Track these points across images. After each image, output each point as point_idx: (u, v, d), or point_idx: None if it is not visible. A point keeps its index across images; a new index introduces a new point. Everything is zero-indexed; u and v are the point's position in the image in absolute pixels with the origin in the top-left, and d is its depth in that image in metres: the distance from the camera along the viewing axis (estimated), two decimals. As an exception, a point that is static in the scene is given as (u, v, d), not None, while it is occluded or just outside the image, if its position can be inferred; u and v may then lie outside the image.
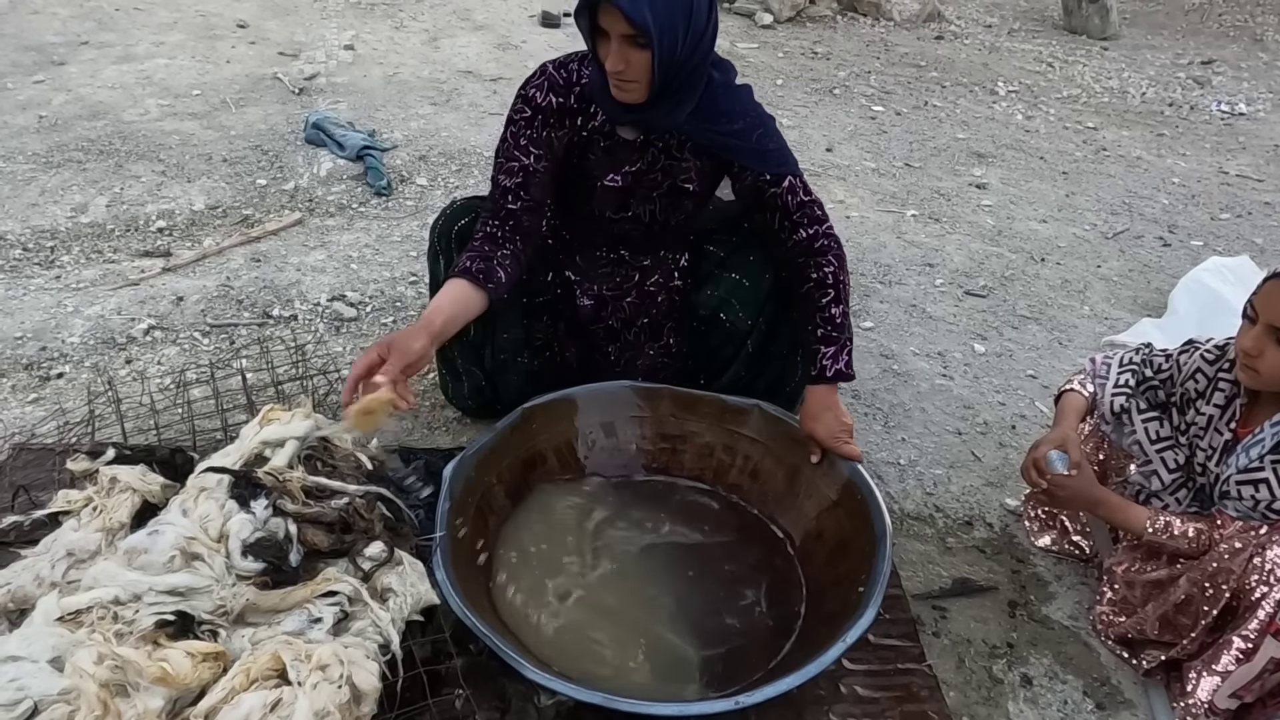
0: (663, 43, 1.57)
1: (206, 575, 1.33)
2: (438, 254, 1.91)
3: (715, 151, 1.79)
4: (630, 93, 1.66)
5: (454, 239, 1.87)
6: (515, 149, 1.76)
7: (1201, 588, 1.52)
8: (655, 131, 1.77)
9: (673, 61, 1.61)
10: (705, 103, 1.73)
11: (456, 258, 1.76)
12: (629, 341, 2.00)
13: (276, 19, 4.63)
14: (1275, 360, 1.44)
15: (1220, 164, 4.72)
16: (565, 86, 1.76)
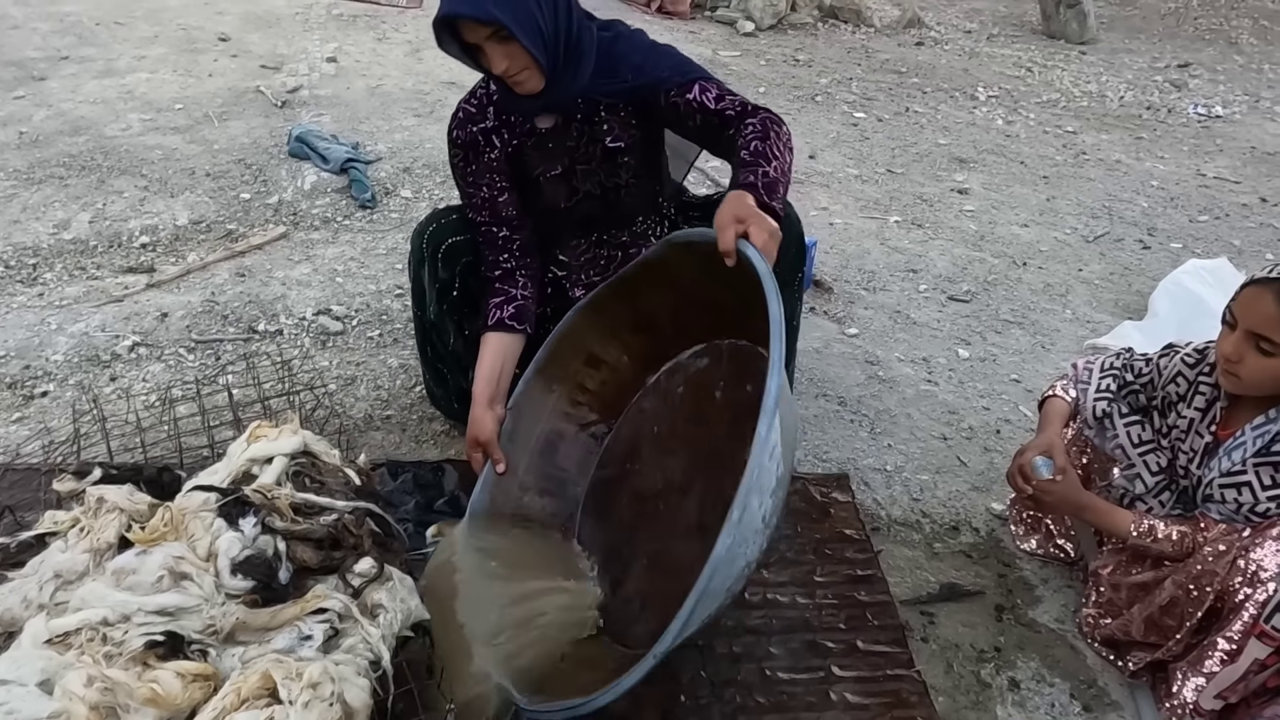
0: (523, 26, 1.59)
1: (195, 594, 1.32)
2: (423, 260, 1.92)
3: (627, 99, 1.78)
4: (528, 82, 1.69)
5: (442, 255, 1.88)
6: (469, 188, 1.86)
7: (1186, 590, 1.54)
8: (568, 109, 1.79)
9: (543, 38, 1.63)
10: (603, 61, 1.75)
11: (444, 269, 1.86)
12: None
13: (258, 31, 4.62)
14: (1255, 365, 1.46)
15: (1198, 166, 4.78)
16: (479, 112, 1.83)
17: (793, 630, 1.72)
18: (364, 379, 2.29)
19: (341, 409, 2.17)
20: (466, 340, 1.93)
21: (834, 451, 2.21)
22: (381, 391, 2.25)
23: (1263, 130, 5.51)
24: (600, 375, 1.87)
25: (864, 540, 1.94)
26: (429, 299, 1.94)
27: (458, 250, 1.87)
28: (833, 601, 1.78)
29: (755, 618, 1.74)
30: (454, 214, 1.93)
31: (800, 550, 1.90)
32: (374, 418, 2.16)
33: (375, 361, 2.37)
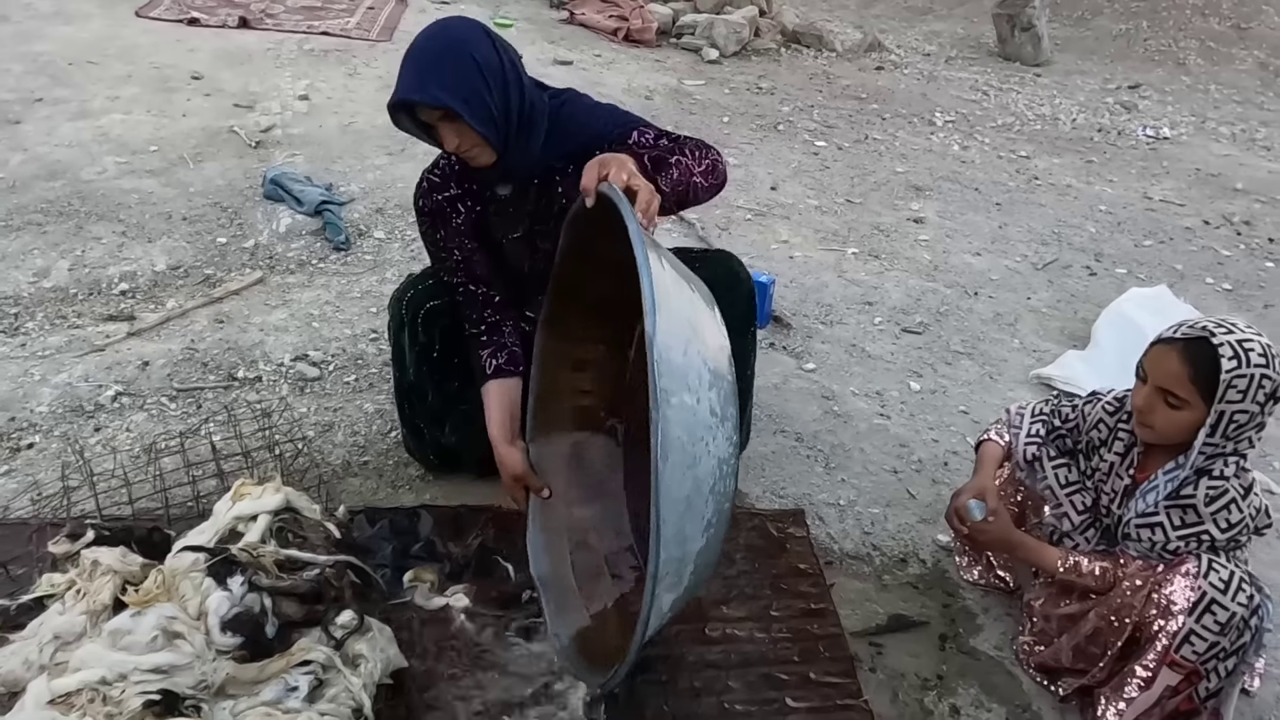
0: (471, 107, 1.71)
1: (188, 652, 1.42)
2: (403, 325, 2.03)
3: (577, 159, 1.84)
4: (480, 157, 1.81)
5: (422, 320, 2.00)
6: (441, 253, 1.98)
7: (1108, 621, 1.68)
8: (524, 176, 1.91)
9: (492, 116, 1.74)
10: (553, 127, 1.86)
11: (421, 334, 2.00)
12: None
13: (230, 69, 4.69)
14: (1165, 417, 1.60)
15: (1145, 189, 4.97)
16: (443, 181, 1.95)
17: (750, 664, 1.83)
18: (341, 425, 2.39)
19: (320, 455, 2.26)
20: (444, 398, 2.04)
21: (790, 487, 2.34)
22: (358, 437, 2.35)
23: (1207, 151, 5.73)
24: (590, 374, 1.98)
25: (817, 574, 2.06)
26: (409, 361, 2.04)
27: (437, 314, 1.99)
28: (787, 635, 1.90)
29: (715, 652, 1.85)
30: (429, 279, 2.04)
31: (758, 586, 2.01)
32: (352, 464, 2.25)
33: (352, 407, 2.46)
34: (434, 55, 1.71)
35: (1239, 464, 1.61)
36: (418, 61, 1.72)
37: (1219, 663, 1.54)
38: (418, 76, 1.70)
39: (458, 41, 1.74)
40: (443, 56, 1.71)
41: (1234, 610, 1.51)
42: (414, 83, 1.70)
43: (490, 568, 1.96)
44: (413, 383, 2.07)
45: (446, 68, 1.70)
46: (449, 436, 2.11)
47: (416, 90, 1.69)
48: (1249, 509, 1.60)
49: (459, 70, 1.70)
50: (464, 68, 1.71)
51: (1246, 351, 1.52)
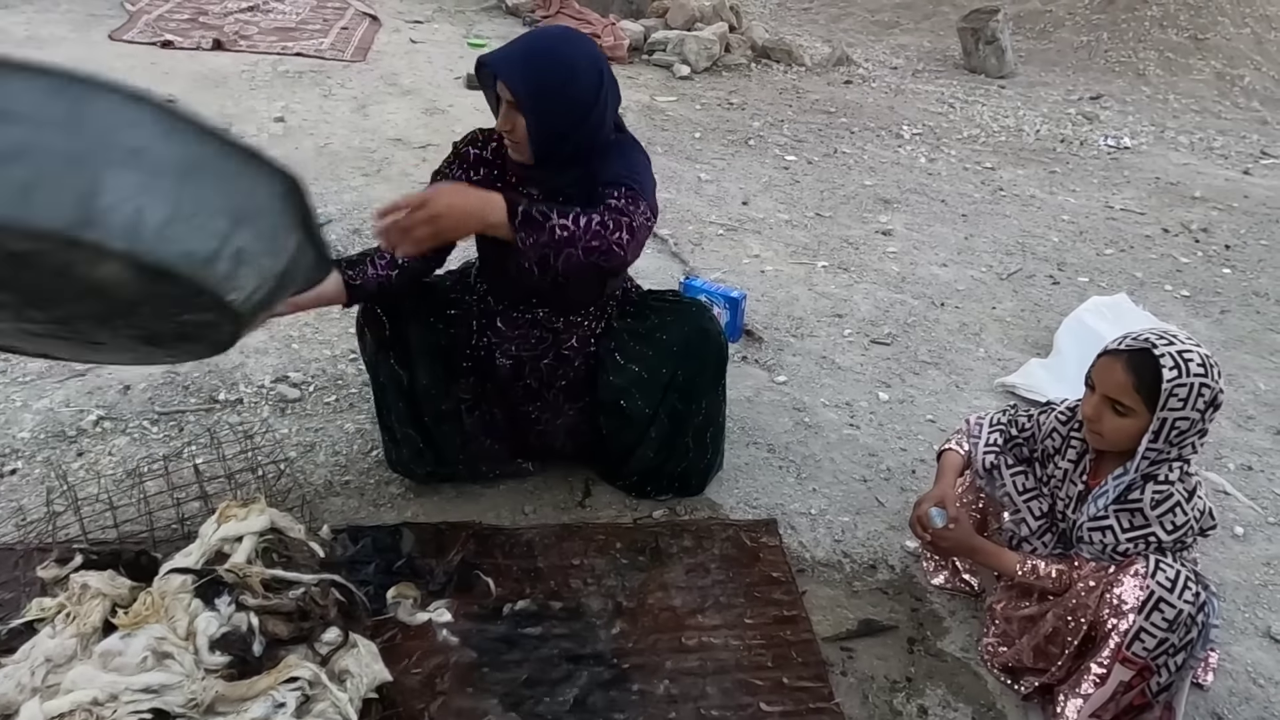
0: (536, 111, 1.77)
1: (178, 672, 1.46)
2: (362, 327, 2.12)
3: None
4: (518, 153, 1.88)
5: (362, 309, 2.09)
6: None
7: (1065, 621, 1.75)
8: (548, 192, 1.93)
9: (548, 131, 1.80)
10: (597, 166, 1.88)
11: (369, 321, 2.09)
12: (549, 402, 2.18)
13: (206, 91, 4.73)
14: (1113, 425, 1.68)
15: (1106, 199, 5.10)
16: (476, 162, 2.00)
17: (725, 670, 1.89)
18: (323, 445, 2.43)
19: (302, 476, 2.30)
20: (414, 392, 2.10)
21: (763, 497, 2.40)
22: (340, 457, 2.39)
23: (1167, 160, 5.88)
24: None
25: (790, 582, 2.12)
26: (372, 356, 2.12)
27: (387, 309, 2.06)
28: (761, 642, 1.96)
29: (691, 660, 1.91)
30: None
31: (732, 595, 2.08)
32: (334, 483, 2.30)
33: (333, 427, 2.50)
34: (543, 53, 1.78)
35: (1183, 469, 1.69)
36: (529, 47, 1.79)
37: (1169, 658, 1.62)
38: (519, 59, 1.77)
39: (571, 57, 1.80)
40: (549, 59, 1.78)
41: (1181, 608, 1.59)
42: (512, 60, 1.77)
43: (471, 583, 2.01)
44: (382, 382, 2.13)
45: (546, 70, 1.77)
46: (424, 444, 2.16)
47: (507, 66, 1.76)
48: (1193, 511, 1.68)
49: (553, 80, 1.77)
50: (559, 81, 1.78)
51: (1186, 362, 1.60)
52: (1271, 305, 4.01)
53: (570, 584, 2.06)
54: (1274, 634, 2.15)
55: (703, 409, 2.19)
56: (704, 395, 2.18)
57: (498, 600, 1.98)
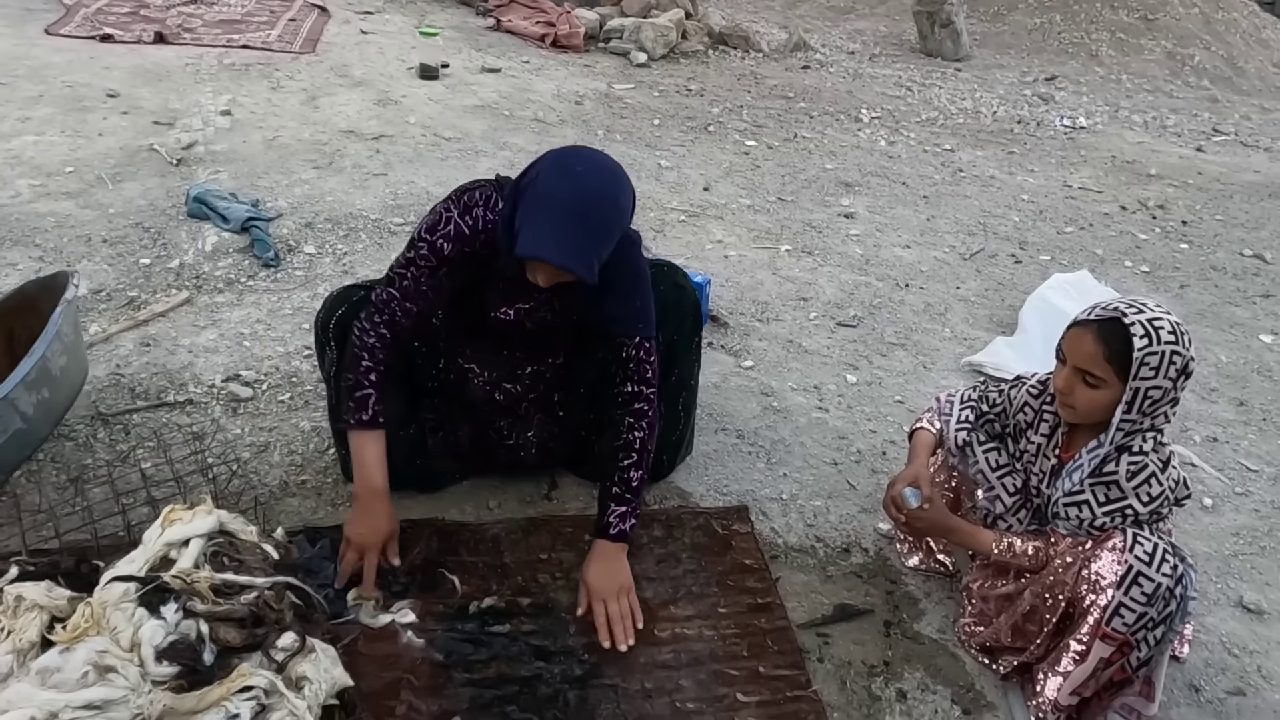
0: (591, 273, 1.67)
1: (122, 686, 1.38)
2: (324, 347, 2.00)
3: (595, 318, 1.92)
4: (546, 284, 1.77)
5: (333, 331, 1.97)
6: (415, 291, 1.84)
7: (1043, 599, 1.72)
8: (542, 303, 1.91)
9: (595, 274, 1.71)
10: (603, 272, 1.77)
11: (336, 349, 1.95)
12: (520, 416, 2.11)
13: (148, 86, 4.58)
14: (1085, 397, 1.66)
15: (1064, 178, 5.13)
16: (471, 235, 1.81)
17: (699, 662, 1.84)
18: (277, 445, 2.34)
19: (256, 477, 2.21)
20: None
21: (734, 484, 2.36)
22: (295, 456, 2.31)
23: (1122, 139, 5.93)
24: None
25: (763, 569, 2.08)
26: (333, 383, 2.01)
27: (344, 323, 1.94)
28: (735, 631, 1.92)
29: (665, 653, 1.86)
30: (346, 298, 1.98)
31: (705, 584, 2.03)
32: (289, 484, 2.21)
33: (287, 426, 2.41)
34: (579, 218, 1.65)
35: (1156, 439, 1.67)
36: (562, 223, 1.64)
37: (1148, 632, 1.60)
38: (560, 241, 1.63)
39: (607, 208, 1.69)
40: (588, 221, 1.66)
41: (1159, 581, 1.57)
42: (555, 246, 1.63)
43: (435, 581, 1.95)
44: (338, 403, 2.04)
45: (587, 235, 1.66)
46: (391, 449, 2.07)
47: (559, 255, 1.63)
48: (1168, 481, 1.66)
49: (595, 238, 1.67)
50: (601, 234, 1.69)
51: (1157, 330, 1.58)
52: (1229, 279, 4.05)
53: (538, 579, 1.99)
54: (1246, 604, 2.14)
55: (679, 371, 2.15)
56: (681, 356, 2.14)
57: (463, 598, 1.91)
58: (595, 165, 1.72)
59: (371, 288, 1.99)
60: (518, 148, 4.43)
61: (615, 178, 1.73)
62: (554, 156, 1.74)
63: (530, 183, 1.71)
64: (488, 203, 1.82)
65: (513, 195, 1.75)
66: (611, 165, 1.75)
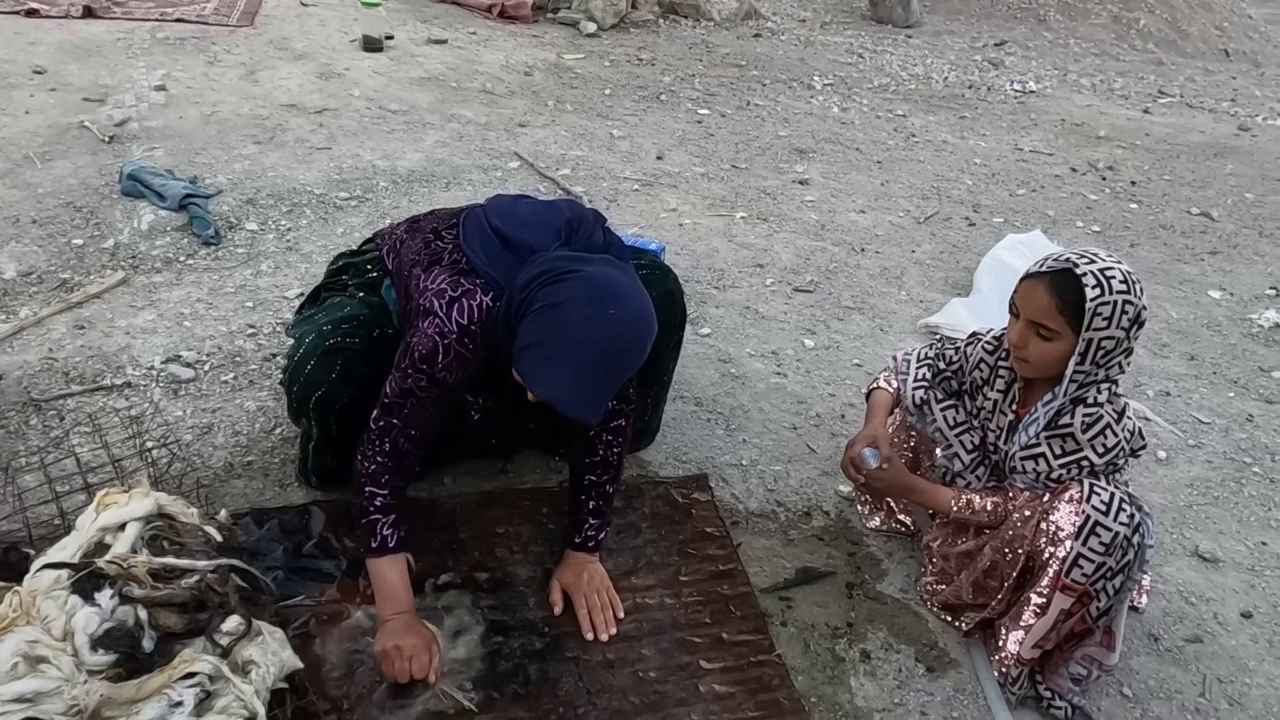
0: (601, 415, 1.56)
1: (54, 677, 1.31)
2: (299, 418, 1.92)
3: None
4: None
5: (314, 409, 1.85)
6: (416, 419, 1.71)
7: (1002, 554, 1.72)
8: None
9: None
10: None
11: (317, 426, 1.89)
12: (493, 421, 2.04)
13: (77, 62, 4.39)
14: (1039, 350, 1.64)
15: (1016, 141, 5.15)
16: (471, 355, 1.66)
17: (662, 631, 1.82)
18: (221, 426, 2.26)
19: (199, 460, 2.14)
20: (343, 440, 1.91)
21: (693, 452, 2.33)
22: (241, 437, 2.23)
23: (1071, 103, 5.98)
24: None
25: (724, 536, 2.06)
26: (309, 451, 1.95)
27: (328, 401, 1.84)
28: (698, 598, 1.90)
29: (627, 623, 1.83)
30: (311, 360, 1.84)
31: (665, 553, 2.00)
32: (235, 466, 2.14)
33: (232, 406, 2.33)
34: (607, 374, 1.53)
35: (1111, 390, 1.66)
36: (588, 375, 1.50)
37: (1107, 582, 1.60)
38: (583, 395, 1.51)
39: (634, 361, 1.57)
40: (614, 376, 1.55)
41: (1116, 530, 1.57)
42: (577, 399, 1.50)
43: (389, 559, 1.89)
44: (312, 468, 1.99)
45: (611, 388, 1.55)
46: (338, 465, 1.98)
47: (578, 409, 1.51)
48: (1123, 432, 1.65)
49: (616, 387, 1.56)
50: (622, 381, 1.59)
51: (1109, 279, 1.56)
52: (1178, 237, 4.10)
53: (495, 553, 1.95)
54: (1202, 553, 2.17)
55: (655, 367, 2.11)
56: (662, 354, 2.10)
57: (419, 575, 1.86)
58: (633, 311, 1.54)
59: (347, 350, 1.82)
60: (466, 119, 4.34)
61: (648, 324, 1.57)
62: (586, 286, 1.53)
63: (554, 308, 1.52)
64: (480, 314, 1.64)
65: (522, 301, 1.56)
66: (646, 308, 1.58)
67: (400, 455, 1.73)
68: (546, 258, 1.61)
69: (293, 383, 1.86)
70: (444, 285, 1.65)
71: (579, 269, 1.56)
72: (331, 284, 2.07)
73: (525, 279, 1.58)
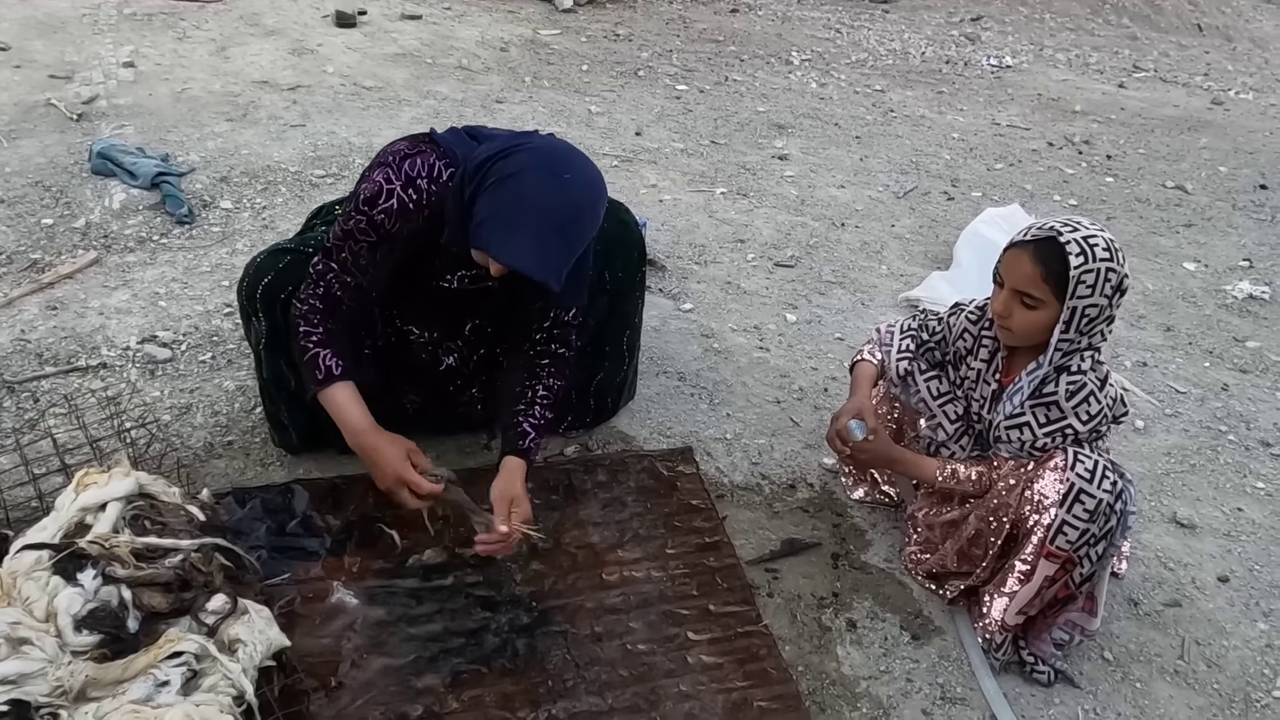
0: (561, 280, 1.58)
1: (38, 658, 1.29)
2: (249, 316, 1.88)
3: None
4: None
5: (260, 301, 1.83)
6: (353, 265, 1.73)
7: (987, 522, 1.73)
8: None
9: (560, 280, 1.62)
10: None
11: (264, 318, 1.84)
12: (466, 375, 2.02)
13: (42, 38, 4.30)
14: (1023, 319, 1.65)
15: (993, 116, 5.16)
16: (415, 210, 1.68)
17: (649, 604, 1.82)
18: (200, 406, 2.23)
19: (179, 440, 2.11)
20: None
21: (677, 426, 2.33)
22: (220, 417, 2.20)
23: (1047, 77, 5.99)
24: None
25: (710, 509, 2.06)
26: (261, 350, 1.90)
27: (273, 292, 1.82)
28: (684, 571, 1.90)
29: (614, 596, 1.83)
30: (265, 257, 1.85)
31: (651, 526, 2.00)
32: (215, 445, 2.12)
33: (210, 386, 2.31)
34: (562, 233, 1.56)
35: (1094, 358, 1.67)
36: (546, 235, 1.54)
37: (1090, 548, 1.61)
38: (541, 255, 1.54)
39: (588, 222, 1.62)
40: (570, 236, 1.58)
41: (1100, 497, 1.58)
42: (537, 260, 1.54)
43: (374, 537, 1.88)
44: (267, 377, 1.94)
45: (568, 250, 1.58)
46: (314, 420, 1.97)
47: (540, 269, 1.54)
48: (1106, 399, 1.67)
49: (573, 252, 1.59)
50: (579, 247, 1.61)
51: (1092, 247, 1.57)
52: (1153, 210, 4.13)
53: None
54: (1179, 519, 2.20)
55: (623, 309, 2.11)
56: (625, 293, 2.10)
57: (403, 553, 1.86)
58: (582, 176, 1.60)
59: (297, 251, 1.86)
60: (442, 95, 4.29)
61: (599, 189, 1.64)
62: (538, 156, 1.58)
63: (509, 178, 1.55)
64: (431, 172, 1.68)
65: (476, 177, 1.59)
66: (596, 174, 1.64)
67: (334, 300, 1.76)
68: (498, 138, 1.68)
69: (243, 279, 1.86)
70: (400, 146, 1.74)
71: (527, 141, 1.62)
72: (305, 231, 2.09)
73: (479, 156, 1.63)
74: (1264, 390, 2.82)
